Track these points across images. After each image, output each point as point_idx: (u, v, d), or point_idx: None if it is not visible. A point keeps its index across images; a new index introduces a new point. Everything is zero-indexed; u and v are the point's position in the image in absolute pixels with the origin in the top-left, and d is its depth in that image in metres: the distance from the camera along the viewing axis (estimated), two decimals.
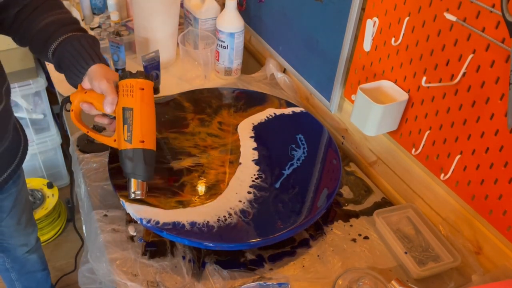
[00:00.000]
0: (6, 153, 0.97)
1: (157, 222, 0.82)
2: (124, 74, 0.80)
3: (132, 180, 0.81)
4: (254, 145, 1.04)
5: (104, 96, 0.80)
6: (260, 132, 1.08)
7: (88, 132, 0.86)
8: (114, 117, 0.83)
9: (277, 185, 0.94)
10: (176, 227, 0.82)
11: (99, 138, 0.86)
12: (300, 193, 0.93)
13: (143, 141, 0.80)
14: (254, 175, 0.95)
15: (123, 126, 0.79)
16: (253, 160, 0.99)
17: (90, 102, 0.83)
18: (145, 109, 0.81)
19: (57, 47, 0.83)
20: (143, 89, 0.80)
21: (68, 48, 0.82)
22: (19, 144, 1.03)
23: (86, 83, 0.83)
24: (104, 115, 0.84)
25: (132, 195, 0.82)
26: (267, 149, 1.03)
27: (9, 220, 1.15)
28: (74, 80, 0.84)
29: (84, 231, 1.03)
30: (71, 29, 0.85)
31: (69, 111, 0.85)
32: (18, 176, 1.09)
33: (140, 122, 0.79)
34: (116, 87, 0.81)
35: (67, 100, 0.86)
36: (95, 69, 0.81)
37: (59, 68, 0.86)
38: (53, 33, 0.84)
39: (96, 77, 0.80)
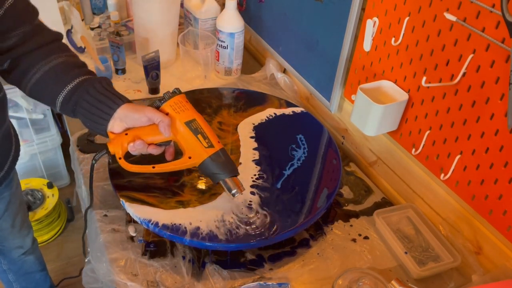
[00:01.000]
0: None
1: (157, 223, 0.82)
2: (165, 96, 0.81)
3: (227, 180, 0.81)
4: (255, 145, 1.04)
5: (150, 126, 0.79)
6: (260, 132, 1.08)
7: (154, 167, 0.82)
8: (166, 144, 0.82)
9: (278, 185, 0.93)
10: (175, 228, 0.82)
11: (170, 166, 0.82)
12: (300, 193, 0.93)
13: (219, 141, 0.82)
14: (255, 175, 0.95)
15: (196, 137, 0.80)
16: (253, 160, 0.99)
17: (139, 139, 0.78)
18: (201, 115, 0.83)
19: (74, 89, 0.78)
20: (187, 101, 0.83)
21: (90, 91, 0.78)
22: (9, 152, 1.00)
23: (116, 127, 0.78)
24: (156, 145, 0.80)
25: (234, 195, 0.81)
26: (268, 149, 1.03)
27: (3, 223, 1.14)
28: (100, 123, 0.78)
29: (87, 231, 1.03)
30: (85, 72, 0.81)
31: (112, 163, 0.79)
32: (10, 180, 1.08)
33: (207, 126, 0.82)
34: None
35: (102, 154, 0.80)
36: (127, 107, 0.78)
37: (72, 112, 0.80)
38: (65, 75, 0.79)
39: (136, 111, 0.78)
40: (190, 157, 0.80)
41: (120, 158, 0.78)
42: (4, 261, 1.30)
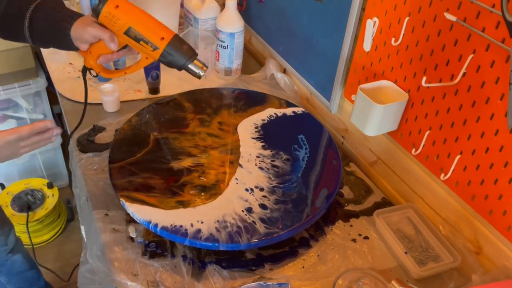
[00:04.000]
0: None
1: (157, 223, 0.82)
2: (95, 10, 0.80)
3: (189, 66, 0.84)
4: (258, 145, 1.04)
5: (102, 41, 0.81)
6: (263, 132, 1.08)
7: (125, 72, 0.88)
8: (125, 46, 0.85)
9: (279, 185, 0.93)
10: (176, 228, 0.82)
11: (136, 67, 0.87)
12: (300, 193, 0.93)
13: (163, 38, 0.81)
14: (257, 175, 0.95)
15: (140, 43, 0.81)
16: (256, 164, 0.99)
17: (100, 55, 0.83)
18: (135, 15, 0.81)
19: (30, 21, 0.81)
20: (117, 6, 0.80)
21: (42, 25, 0.81)
22: None
23: (81, 46, 0.82)
24: (118, 51, 0.85)
25: (200, 77, 0.85)
26: (271, 150, 1.03)
27: None
28: (65, 47, 0.84)
29: (83, 231, 1.03)
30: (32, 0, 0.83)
31: (95, 76, 0.87)
32: None
33: (145, 27, 0.81)
34: (101, 25, 0.81)
35: (86, 69, 0.87)
36: (76, 28, 0.80)
37: (42, 43, 0.86)
38: (19, 9, 0.81)
39: (82, 32, 0.80)
40: (147, 58, 0.84)
41: (99, 72, 0.86)
42: None
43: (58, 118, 2.01)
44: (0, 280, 1.35)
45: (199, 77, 0.85)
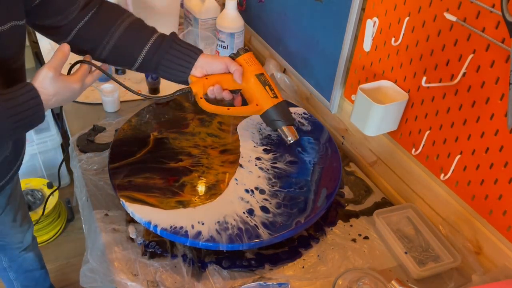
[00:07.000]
0: (10, 156, 0.97)
1: (157, 224, 0.82)
2: (240, 51, 0.92)
3: (284, 128, 0.93)
4: (260, 147, 1.04)
5: (225, 75, 0.89)
6: (264, 133, 1.08)
7: (228, 109, 0.92)
8: (236, 92, 0.92)
9: (283, 189, 0.93)
10: (177, 229, 0.82)
11: (241, 109, 0.93)
12: (301, 193, 0.93)
13: (281, 95, 0.94)
14: (258, 177, 0.95)
15: (265, 88, 0.91)
16: (256, 164, 0.99)
17: (215, 84, 0.88)
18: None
19: (153, 50, 0.85)
20: (255, 58, 0.94)
21: (170, 51, 0.86)
22: (23, 144, 1.03)
23: (197, 73, 0.88)
24: (229, 91, 0.90)
25: (289, 142, 0.93)
26: (273, 152, 1.03)
27: (5, 218, 1.15)
28: (181, 75, 0.88)
29: (85, 231, 1.03)
30: (152, 29, 0.87)
31: (192, 100, 0.89)
32: None
33: (272, 81, 0.93)
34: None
35: (186, 91, 0.88)
36: (205, 56, 0.88)
37: (154, 70, 0.88)
38: (137, 38, 0.85)
39: (216, 59, 0.89)
40: (257, 105, 0.92)
41: (201, 98, 0.88)
42: (5, 258, 1.31)
43: (58, 118, 2.01)
44: (9, 276, 1.36)
45: (286, 142, 0.93)
